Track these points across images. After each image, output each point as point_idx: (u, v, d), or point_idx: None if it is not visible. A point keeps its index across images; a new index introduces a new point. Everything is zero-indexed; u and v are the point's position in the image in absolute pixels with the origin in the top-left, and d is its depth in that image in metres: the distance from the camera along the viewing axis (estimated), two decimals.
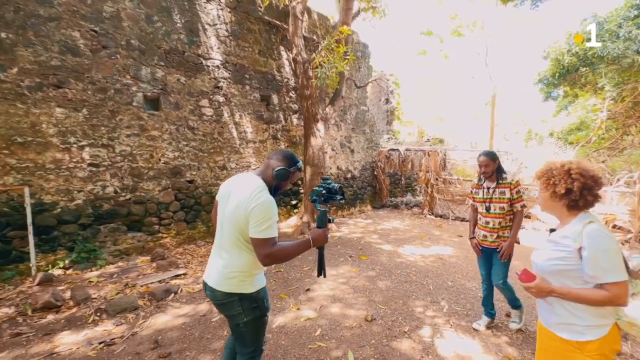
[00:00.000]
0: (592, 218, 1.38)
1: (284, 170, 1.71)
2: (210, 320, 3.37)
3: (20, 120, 3.92)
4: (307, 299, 3.86)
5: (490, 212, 2.97)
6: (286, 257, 1.67)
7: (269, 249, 1.56)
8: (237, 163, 6.66)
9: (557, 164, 1.46)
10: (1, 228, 3.80)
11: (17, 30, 3.89)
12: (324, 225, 1.76)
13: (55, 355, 2.71)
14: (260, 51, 7.28)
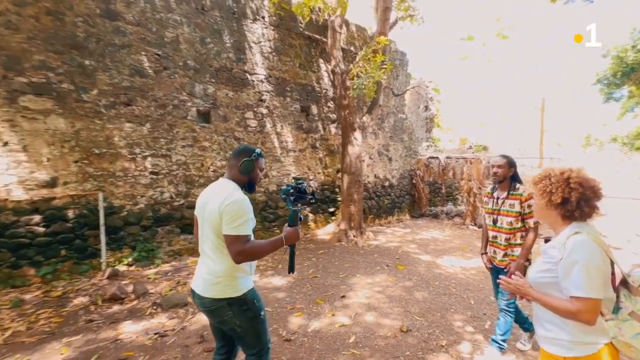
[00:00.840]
0: (581, 229, 1.28)
1: (247, 161, 1.71)
2: None
3: (97, 135, 4.48)
4: (342, 305, 3.87)
5: (497, 225, 2.65)
6: (259, 254, 1.68)
7: (241, 246, 1.55)
8: (278, 171, 6.90)
9: (556, 171, 1.38)
10: (80, 227, 4.34)
11: (98, 57, 4.47)
12: (295, 224, 1.78)
13: (119, 341, 3.01)
14: (300, 64, 7.53)
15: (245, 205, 1.61)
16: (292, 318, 3.54)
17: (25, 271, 3.94)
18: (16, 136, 3.86)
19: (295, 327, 3.34)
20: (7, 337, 3.01)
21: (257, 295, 1.80)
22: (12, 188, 3.87)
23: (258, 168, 1.78)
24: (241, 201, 1.60)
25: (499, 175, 2.62)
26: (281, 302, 3.92)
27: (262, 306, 1.79)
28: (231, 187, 1.69)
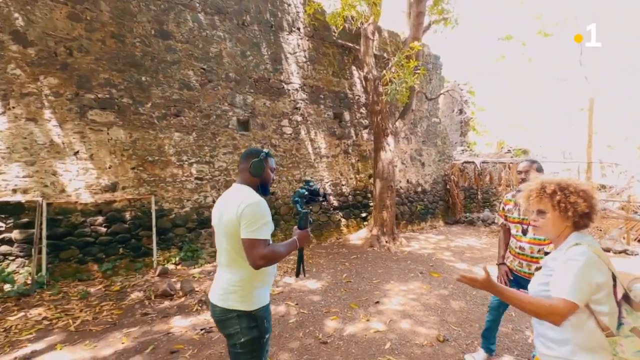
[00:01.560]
0: (581, 240, 1.27)
1: (257, 161, 1.64)
2: (287, 321, 3.63)
3: (151, 144, 4.89)
4: (376, 311, 3.87)
5: (527, 236, 2.39)
6: (278, 259, 1.59)
7: (261, 250, 1.47)
8: (312, 176, 7.04)
9: (565, 182, 1.34)
10: (135, 228, 4.75)
11: (152, 74, 4.89)
12: (306, 226, 1.73)
13: (170, 334, 3.25)
14: (333, 72, 7.65)
15: (263, 207, 1.55)
16: (327, 321, 3.61)
17: (89, 267, 4.38)
18: (85, 146, 4.33)
19: (331, 330, 3.41)
20: (78, 325, 3.36)
21: (269, 315, 1.68)
22: (81, 192, 4.33)
23: (268, 168, 1.72)
24: (258, 203, 1.54)
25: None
26: (316, 305, 4.01)
27: (269, 328, 1.66)
28: (245, 191, 1.62)
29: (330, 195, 7.34)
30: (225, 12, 5.80)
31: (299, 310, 3.91)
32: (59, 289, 4.01)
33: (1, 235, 3.83)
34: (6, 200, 3.83)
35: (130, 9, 4.70)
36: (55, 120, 4.10)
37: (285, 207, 6.53)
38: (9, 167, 3.84)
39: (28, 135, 3.96)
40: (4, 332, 3.20)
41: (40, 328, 3.30)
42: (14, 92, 3.86)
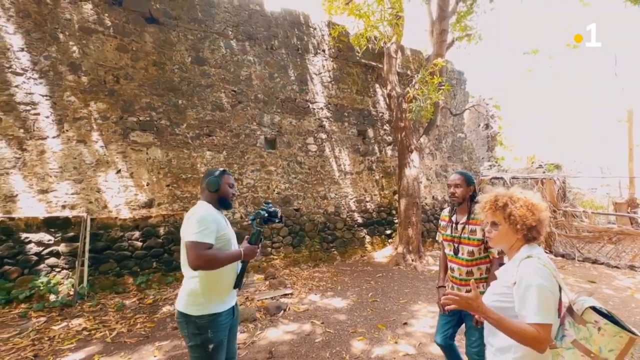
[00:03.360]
0: (531, 252, 1.29)
1: (211, 178, 1.82)
2: (314, 340, 3.54)
3: (185, 162, 5.12)
4: (404, 333, 3.71)
5: (458, 256, 2.15)
6: (216, 263, 1.65)
7: (198, 252, 1.58)
8: (336, 193, 7.03)
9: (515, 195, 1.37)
10: (168, 243, 4.91)
11: (188, 97, 5.18)
12: (256, 243, 1.84)
13: None
14: (357, 90, 7.74)
15: (207, 217, 1.69)
16: (354, 342, 3.49)
17: (125, 279, 4.56)
18: (126, 165, 4.61)
19: (357, 351, 3.29)
20: (114, 337, 3.47)
21: (218, 327, 1.71)
22: (121, 208, 4.58)
23: (226, 184, 1.86)
24: (204, 212, 1.71)
25: (457, 196, 2.14)
26: (342, 325, 3.90)
27: (216, 340, 1.69)
28: (200, 205, 1.80)
29: (355, 212, 7.26)
30: (255, 38, 6.09)
31: (325, 329, 3.82)
32: (98, 301, 4.18)
33: (50, 249, 4.10)
34: (56, 215, 4.11)
35: (170, 39, 5.06)
36: (101, 141, 4.42)
37: (310, 224, 6.53)
38: (60, 184, 4.14)
39: (78, 155, 4.28)
40: (49, 340, 3.35)
41: (80, 338, 3.43)
42: (68, 116, 4.22)
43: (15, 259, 3.90)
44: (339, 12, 6.89)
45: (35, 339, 3.34)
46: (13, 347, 3.20)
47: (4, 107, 3.85)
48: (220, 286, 1.77)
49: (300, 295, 4.87)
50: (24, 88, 3.97)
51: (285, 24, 6.62)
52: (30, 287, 3.88)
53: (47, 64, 4.12)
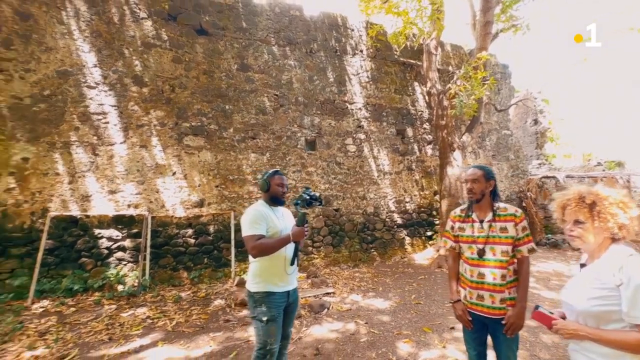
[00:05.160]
0: (631, 250, 1.22)
1: (261, 180, 2.18)
2: (358, 340, 3.55)
3: (232, 164, 5.39)
4: (452, 338, 3.58)
5: (486, 258, 1.89)
6: (268, 249, 1.93)
7: (252, 242, 1.90)
8: (375, 193, 6.97)
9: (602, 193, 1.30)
10: (217, 240, 5.20)
11: (234, 102, 5.45)
12: (302, 224, 2.03)
13: (250, 342, 3.41)
14: (395, 89, 7.60)
15: (254, 213, 2.03)
16: (399, 344, 3.44)
17: (180, 274, 4.90)
18: (180, 167, 4.96)
19: (404, 354, 3.24)
20: (174, 326, 3.74)
21: (270, 303, 2.00)
22: (177, 207, 4.93)
23: (274, 184, 2.15)
24: (251, 210, 2.06)
25: (475, 193, 1.92)
26: (386, 326, 3.86)
27: (267, 314, 1.98)
28: (254, 204, 2.17)
29: (394, 213, 7.15)
30: (295, 43, 6.24)
31: (369, 329, 3.81)
32: (158, 292, 4.53)
33: (118, 243, 4.54)
34: (123, 213, 4.54)
35: (218, 48, 5.36)
36: (160, 146, 4.80)
37: (349, 224, 6.54)
38: (125, 186, 4.57)
39: (140, 159, 4.69)
40: (120, 326, 3.70)
41: (145, 325, 3.75)
42: (132, 124, 4.64)
43: (90, 252, 4.37)
44: (376, 11, 6.82)
45: (108, 324, 3.71)
46: (91, 330, 3.58)
47: (81, 117, 4.34)
48: (273, 269, 2.05)
49: (342, 294, 4.90)
50: (96, 100, 4.44)
51: (323, 27, 6.70)
52: (102, 278, 4.33)
53: (115, 78, 4.57)
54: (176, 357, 3.15)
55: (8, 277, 3.98)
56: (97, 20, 4.50)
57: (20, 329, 3.46)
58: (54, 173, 4.16)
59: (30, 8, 4.17)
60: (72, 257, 4.26)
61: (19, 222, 4.03)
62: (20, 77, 4.06)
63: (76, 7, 4.39)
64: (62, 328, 3.57)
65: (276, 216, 2.13)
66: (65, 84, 4.24)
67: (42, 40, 4.19)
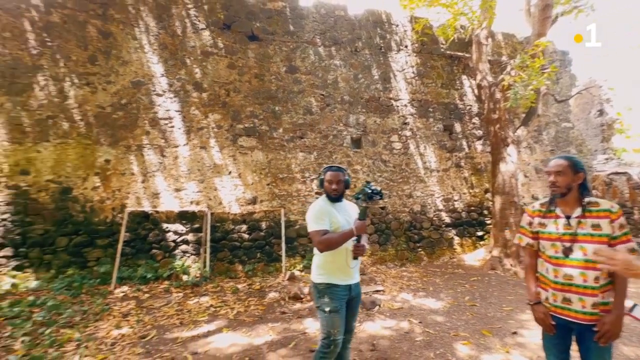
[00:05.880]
0: None
1: (318, 179, 2.29)
2: (414, 339, 3.51)
3: (281, 163, 5.61)
4: (515, 343, 3.41)
5: (574, 258, 1.67)
6: (333, 243, 1.99)
7: (317, 238, 1.98)
8: (422, 191, 6.81)
9: None
10: (268, 236, 5.45)
11: (283, 103, 5.67)
12: (364, 218, 2.05)
13: (306, 334, 3.54)
14: (442, 84, 7.35)
15: (317, 209, 2.10)
16: (457, 345, 3.35)
17: (236, 267, 5.21)
18: (235, 167, 5.27)
19: (464, 356, 3.15)
20: (235, 315, 4.00)
21: (333, 294, 2.07)
22: (232, 204, 5.26)
23: (325, 181, 2.20)
24: (313, 206, 2.13)
25: (559, 186, 1.70)
26: (442, 327, 3.78)
27: (330, 305, 2.05)
28: (318, 199, 2.25)
29: (442, 212, 6.92)
30: (340, 43, 6.31)
31: (424, 329, 3.75)
32: (217, 283, 4.86)
33: (182, 237, 4.95)
34: (186, 210, 4.95)
35: (268, 52, 5.61)
36: (217, 147, 5.16)
37: (395, 223, 6.46)
38: (188, 184, 4.98)
39: (200, 159, 5.07)
40: (188, 312, 4.04)
41: (209, 313, 4.05)
42: (193, 127, 5.04)
43: (160, 244, 4.82)
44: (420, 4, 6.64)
45: (178, 310, 4.07)
46: (164, 314, 3.96)
47: (151, 122, 4.81)
48: (336, 262, 2.11)
49: (391, 293, 4.88)
50: (163, 106, 4.90)
51: (368, 25, 6.68)
52: (170, 268, 4.75)
53: (179, 85, 5.00)
54: (240, 343, 3.36)
55: (95, 265, 4.55)
56: (163, 34, 4.96)
57: (107, 310, 3.92)
58: (130, 173, 4.68)
59: (110, 27, 4.74)
60: (145, 248, 4.75)
61: (103, 217, 4.60)
62: (103, 89, 4.63)
63: (147, 23, 4.89)
64: (140, 311, 3.99)
65: (337, 211, 2.16)
66: (138, 93, 4.75)
67: (119, 55, 4.73)
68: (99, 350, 3.11)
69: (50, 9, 4.63)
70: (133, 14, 4.87)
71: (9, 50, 4.43)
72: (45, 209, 4.45)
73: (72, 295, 4.18)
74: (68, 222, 4.52)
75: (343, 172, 2.23)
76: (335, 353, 2.08)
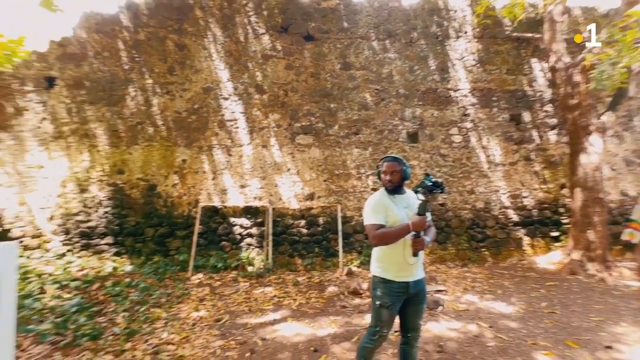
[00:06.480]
0: None
1: (377, 170, 2.22)
2: (485, 344, 3.24)
3: (337, 159, 5.60)
4: (611, 359, 2.94)
5: None
6: (389, 237, 1.91)
7: (372, 232, 1.92)
8: (486, 187, 6.25)
9: None
10: (326, 231, 5.48)
11: (338, 100, 5.64)
12: (423, 213, 1.86)
13: None
14: (508, 70, 6.64)
15: (373, 202, 2.03)
16: (537, 355, 3.00)
17: (295, 260, 5.34)
18: (293, 164, 5.40)
19: None
20: (297, 306, 4.10)
21: (385, 289, 2.01)
22: (291, 200, 5.40)
23: (382, 172, 2.12)
24: (370, 200, 2.07)
25: None
26: (517, 333, 3.42)
27: (381, 298, 2.01)
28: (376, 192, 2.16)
29: (509, 209, 6.28)
30: (394, 35, 6.06)
31: (495, 334, 3.44)
32: (279, 275, 5.04)
33: (247, 230, 5.23)
34: (250, 205, 5.22)
35: (323, 51, 5.62)
36: (277, 145, 5.34)
37: (456, 220, 6.04)
38: (251, 181, 5.24)
39: (262, 157, 5.30)
40: (254, 300, 4.25)
41: (274, 303, 4.20)
42: (255, 127, 5.28)
43: (228, 237, 5.17)
44: None
45: (245, 298, 4.30)
46: (234, 301, 4.21)
47: (219, 124, 5.16)
48: (392, 257, 2.02)
49: (455, 293, 4.57)
50: (229, 109, 5.22)
51: (423, 13, 6.30)
52: (237, 259, 5.06)
53: (242, 89, 5.28)
54: (304, 333, 3.43)
55: (175, 254, 5.05)
56: (228, 42, 5.28)
57: (187, 294, 4.31)
58: (202, 171, 5.10)
59: (184, 40, 5.21)
60: (215, 240, 5.13)
61: (181, 211, 5.09)
62: (180, 96, 5.12)
63: (214, 33, 5.26)
64: (214, 297, 4.31)
65: (396, 204, 2.03)
66: (208, 97, 5.13)
67: (192, 64, 5.18)
68: (182, 329, 3.42)
69: (137, 29, 5.27)
70: (203, 26, 5.28)
71: (108, 67, 5.17)
72: (136, 204, 5.09)
73: (158, 279, 4.68)
74: (154, 215, 5.11)
75: (399, 162, 2.09)
76: (379, 344, 2.12)
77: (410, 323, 2.10)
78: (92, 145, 5.21)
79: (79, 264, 4.88)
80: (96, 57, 5.28)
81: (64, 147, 5.21)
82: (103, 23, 5.35)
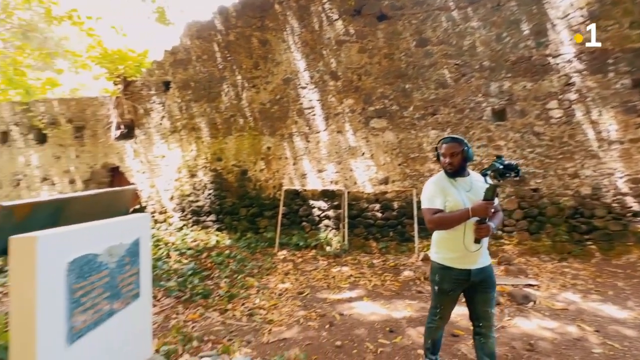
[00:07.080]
0: None
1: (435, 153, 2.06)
2: (589, 349, 2.81)
3: (412, 142, 5.33)
4: None
5: None
6: (446, 223, 1.82)
7: (429, 216, 1.85)
8: (594, 170, 5.18)
9: None
10: (400, 216, 5.36)
11: (413, 80, 5.28)
12: (491, 199, 1.71)
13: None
14: (632, 23, 5.18)
15: (430, 186, 1.94)
16: None
17: (370, 243, 5.39)
18: (367, 148, 5.34)
19: None
20: (372, 287, 4.17)
21: (443, 275, 1.93)
22: (365, 184, 5.40)
23: (440, 155, 1.96)
24: (428, 184, 1.98)
25: None
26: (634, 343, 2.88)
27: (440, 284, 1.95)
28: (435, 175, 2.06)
29: (627, 196, 5.12)
30: (478, 0, 5.27)
31: (603, 340, 2.95)
32: (355, 256, 5.17)
33: (325, 213, 5.47)
34: (327, 189, 5.41)
35: (397, 29, 5.25)
36: (351, 130, 5.34)
37: (552, 208, 5.21)
38: (328, 166, 5.40)
39: (337, 143, 5.39)
40: (332, 278, 4.47)
41: (350, 282, 4.36)
42: (330, 113, 5.36)
43: (307, 218, 5.50)
44: None
45: (324, 275, 4.56)
46: (314, 277, 4.51)
47: (298, 113, 5.40)
48: (451, 243, 1.91)
49: (549, 290, 4.03)
50: (307, 97, 5.40)
51: None
52: (316, 239, 5.36)
53: (318, 77, 5.37)
54: (380, 313, 3.49)
55: (264, 231, 5.62)
56: (304, 32, 5.38)
57: (274, 268, 4.77)
58: (284, 157, 5.48)
59: (266, 36, 5.53)
60: (297, 220, 5.52)
61: (267, 193, 5.60)
62: (264, 89, 5.52)
63: (292, 25, 5.41)
64: (296, 272, 4.68)
65: (456, 188, 1.88)
66: (288, 88, 5.40)
67: (273, 57, 5.48)
68: (271, 297, 3.84)
69: (228, 31, 5.87)
70: (282, 20, 5.49)
71: (206, 68, 5.94)
72: (232, 187, 5.82)
73: (250, 253, 5.29)
74: (245, 197, 5.77)
75: (460, 143, 1.90)
76: (442, 325, 2.11)
77: (479, 312, 1.95)
78: (198, 137, 6.15)
79: (192, 236, 5.87)
80: (197, 61, 6.05)
81: (178, 139, 6.25)
82: (202, 29, 6.06)
